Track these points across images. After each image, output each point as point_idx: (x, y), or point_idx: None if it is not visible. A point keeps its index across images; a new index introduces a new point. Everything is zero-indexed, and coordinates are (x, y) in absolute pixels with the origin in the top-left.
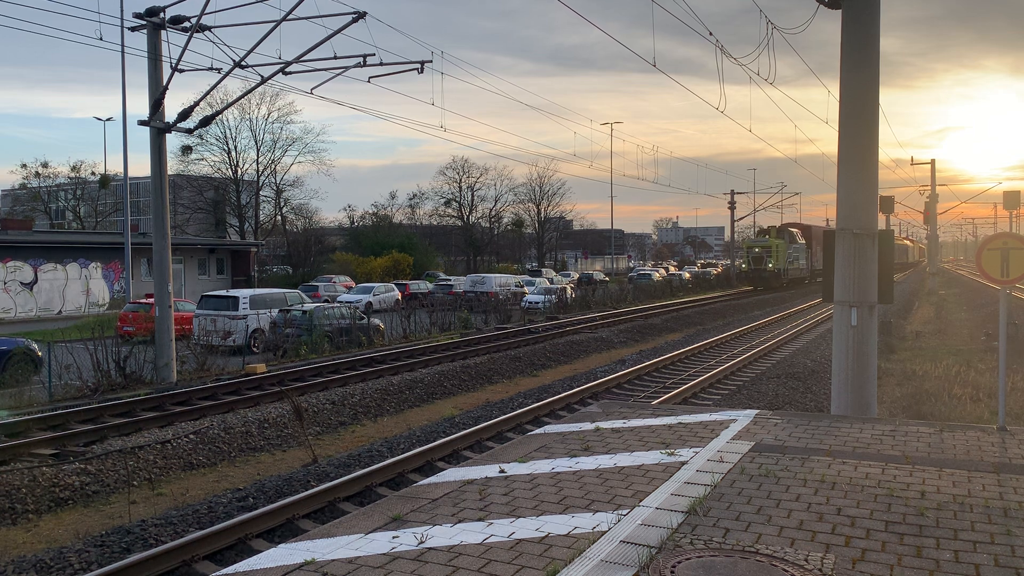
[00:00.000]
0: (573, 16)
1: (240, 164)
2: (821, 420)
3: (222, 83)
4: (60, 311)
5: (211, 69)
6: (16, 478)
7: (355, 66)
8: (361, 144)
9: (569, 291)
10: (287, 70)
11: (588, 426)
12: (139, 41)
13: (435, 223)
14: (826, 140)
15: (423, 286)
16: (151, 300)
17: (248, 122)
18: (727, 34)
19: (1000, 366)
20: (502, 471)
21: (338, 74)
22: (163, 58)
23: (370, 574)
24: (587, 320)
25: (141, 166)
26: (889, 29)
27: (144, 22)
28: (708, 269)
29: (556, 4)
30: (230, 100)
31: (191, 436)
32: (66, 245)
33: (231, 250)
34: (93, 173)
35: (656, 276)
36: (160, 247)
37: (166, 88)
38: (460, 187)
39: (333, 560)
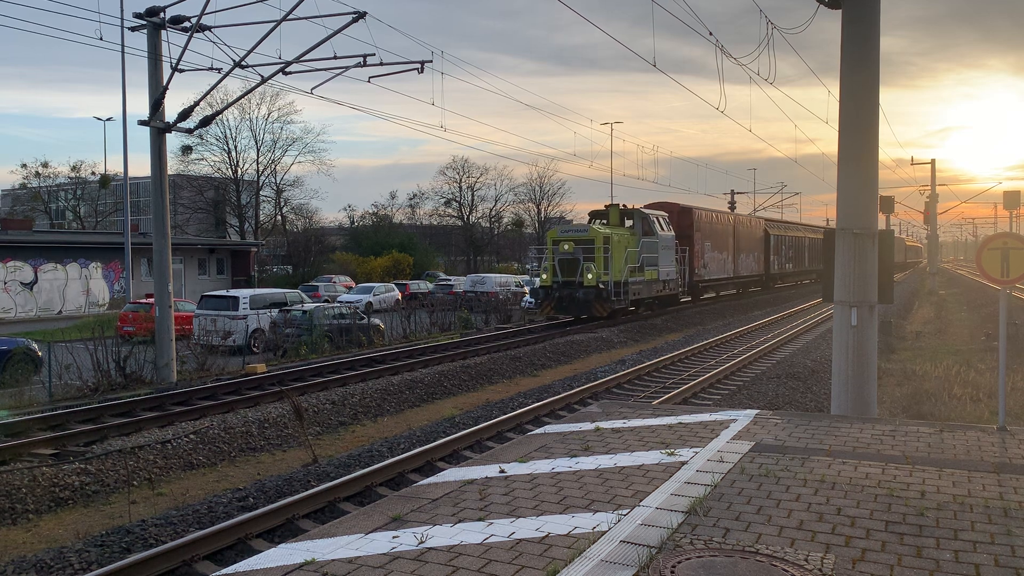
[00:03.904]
0: (577, 16)
1: (240, 164)
2: (821, 420)
3: (222, 83)
4: (60, 311)
5: (211, 69)
6: (16, 478)
7: (355, 66)
8: (362, 144)
9: None
10: (287, 70)
11: (588, 426)
12: (139, 41)
13: (435, 223)
14: (826, 140)
15: (423, 286)
16: (151, 300)
17: (248, 122)
18: (728, 34)
19: (1000, 366)
20: (502, 471)
21: (338, 74)
22: (163, 58)
23: (370, 574)
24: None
25: (141, 166)
26: (892, 29)
27: (144, 22)
28: None
29: (559, 4)
30: (230, 100)
31: (191, 436)
32: (66, 245)
33: (231, 250)
34: (93, 173)
35: None
36: (160, 247)
37: (166, 88)
38: (460, 187)
39: (333, 560)
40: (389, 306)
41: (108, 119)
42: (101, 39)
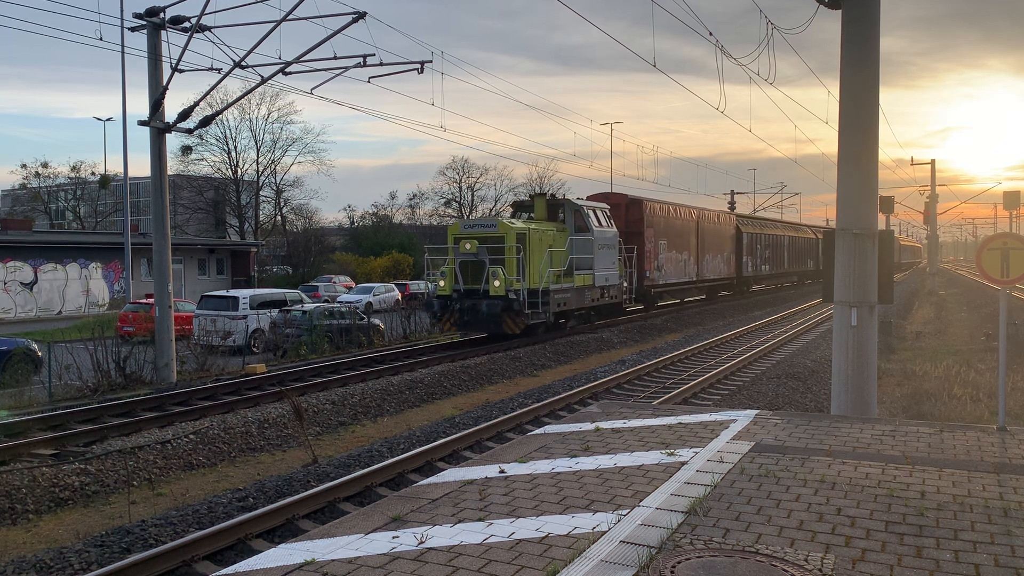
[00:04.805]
0: (576, 15)
1: (240, 164)
2: (821, 420)
3: (222, 83)
4: (60, 311)
5: (211, 69)
6: (16, 478)
7: (355, 66)
8: (362, 144)
9: None
10: (287, 70)
11: (588, 426)
12: (139, 41)
13: (435, 223)
14: (826, 140)
15: (423, 286)
16: (151, 300)
17: (248, 122)
18: (728, 34)
19: (1000, 366)
20: (502, 471)
21: (338, 74)
22: (163, 58)
23: (370, 574)
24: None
25: (141, 166)
26: (893, 29)
27: (144, 22)
28: None
29: (558, 3)
30: (230, 100)
31: (191, 436)
32: (66, 245)
33: (231, 250)
34: (93, 173)
35: None
36: (160, 247)
37: (166, 88)
38: (460, 187)
39: (333, 560)
40: (389, 306)
41: (108, 119)
42: (101, 39)
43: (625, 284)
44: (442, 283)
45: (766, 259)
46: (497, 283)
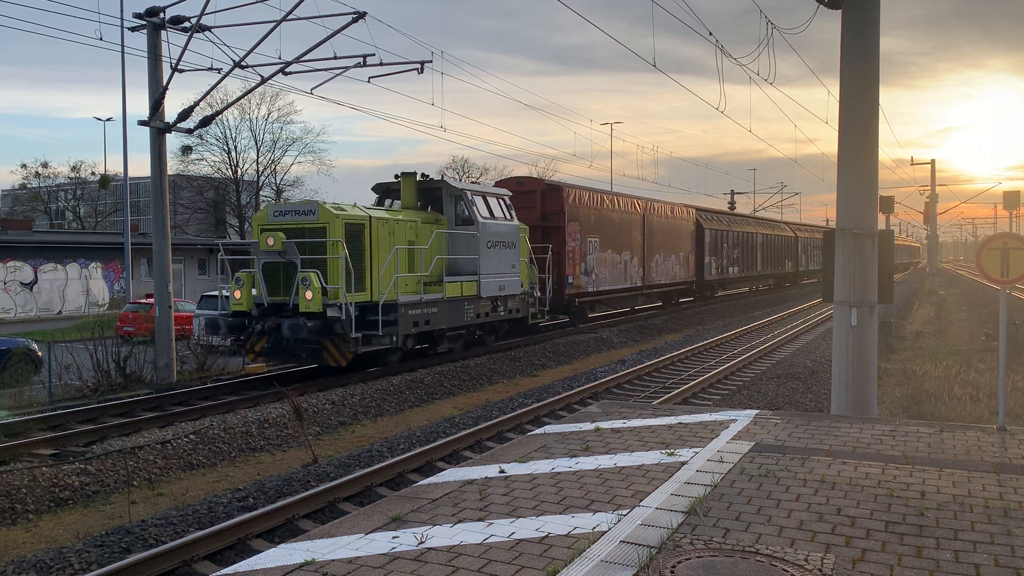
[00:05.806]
0: (576, 15)
1: (240, 164)
2: (821, 420)
3: (222, 83)
4: (60, 311)
5: (211, 69)
6: (16, 478)
7: (355, 66)
8: (361, 144)
9: None
10: (287, 70)
11: (588, 426)
12: (139, 41)
13: None
14: (826, 140)
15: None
16: (151, 300)
17: (248, 122)
18: (728, 34)
19: (1000, 366)
20: (502, 471)
21: (338, 74)
22: (163, 58)
23: (370, 574)
24: (587, 320)
25: (141, 166)
26: (893, 28)
27: (144, 22)
28: None
29: (559, 3)
30: (230, 100)
31: (191, 436)
32: (66, 245)
33: (231, 250)
34: (93, 173)
35: None
36: (160, 247)
37: (166, 88)
38: None
39: (333, 560)
40: None
41: (108, 119)
42: (101, 39)
43: (537, 293)
44: (237, 294)
45: (734, 260)
46: (310, 294)
